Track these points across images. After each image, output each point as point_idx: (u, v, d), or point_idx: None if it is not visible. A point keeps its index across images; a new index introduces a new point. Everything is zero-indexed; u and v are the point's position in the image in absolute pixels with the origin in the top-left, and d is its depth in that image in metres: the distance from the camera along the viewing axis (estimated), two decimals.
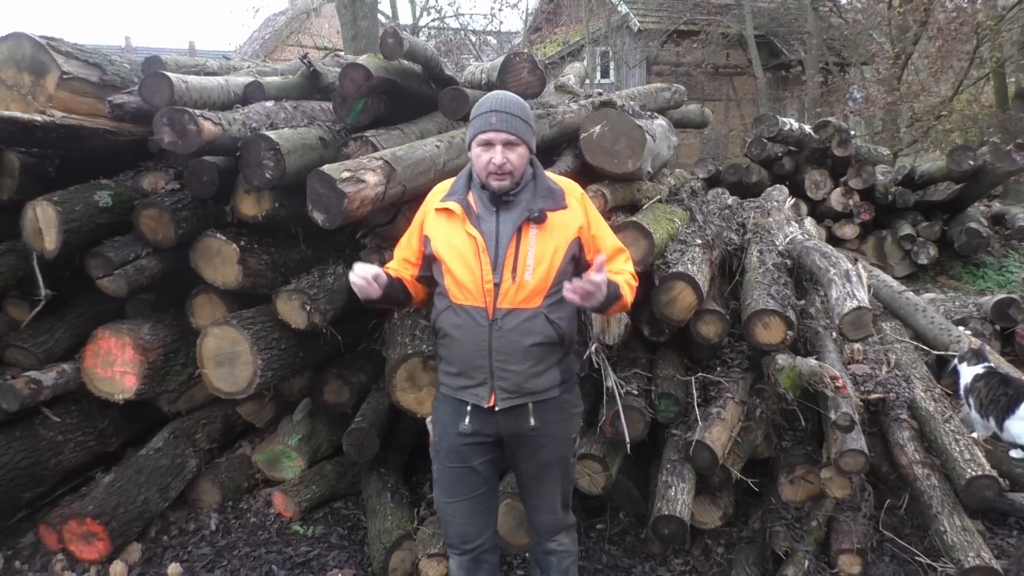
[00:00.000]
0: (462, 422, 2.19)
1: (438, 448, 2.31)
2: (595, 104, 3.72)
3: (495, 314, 2.11)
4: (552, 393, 2.20)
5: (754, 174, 7.73)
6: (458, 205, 2.17)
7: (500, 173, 2.10)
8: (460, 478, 2.27)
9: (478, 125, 2.13)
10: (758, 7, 15.70)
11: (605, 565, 3.06)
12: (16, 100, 3.27)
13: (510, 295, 2.10)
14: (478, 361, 2.14)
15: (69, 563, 3.00)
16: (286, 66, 4.41)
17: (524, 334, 2.11)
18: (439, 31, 18.14)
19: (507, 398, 2.15)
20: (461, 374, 2.19)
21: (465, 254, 2.13)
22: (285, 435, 3.51)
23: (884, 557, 3.03)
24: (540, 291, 2.13)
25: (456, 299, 2.15)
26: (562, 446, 2.29)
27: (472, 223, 2.15)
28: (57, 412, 3.25)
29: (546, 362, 2.17)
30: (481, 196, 2.18)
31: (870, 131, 13.64)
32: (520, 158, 2.13)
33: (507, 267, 2.10)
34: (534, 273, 2.11)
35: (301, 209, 2.81)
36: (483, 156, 2.11)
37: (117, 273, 3.12)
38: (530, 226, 2.13)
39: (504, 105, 2.13)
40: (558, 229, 2.15)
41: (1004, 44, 12.38)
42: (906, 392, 3.26)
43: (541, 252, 2.12)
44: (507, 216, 2.15)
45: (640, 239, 3.03)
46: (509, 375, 2.13)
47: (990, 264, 7.30)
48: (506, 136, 2.09)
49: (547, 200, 2.16)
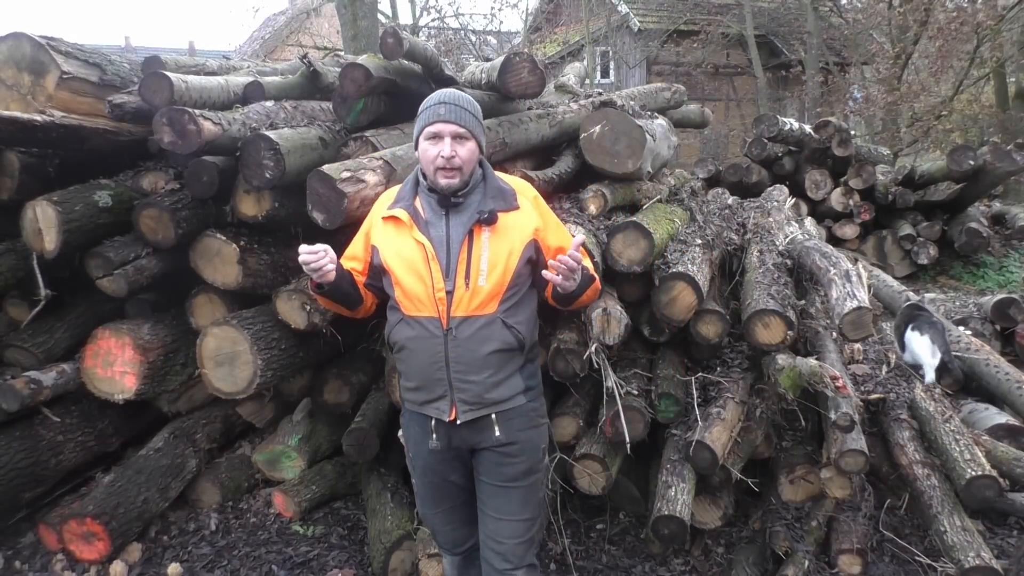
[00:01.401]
0: (430, 439, 2.12)
1: (414, 464, 2.28)
2: (595, 104, 3.72)
3: (449, 323, 2.02)
4: (517, 401, 2.11)
5: (754, 174, 7.73)
6: (404, 212, 2.08)
7: (449, 168, 2.02)
8: (439, 491, 2.23)
9: (426, 117, 2.06)
10: (758, 7, 15.71)
11: (605, 565, 3.06)
12: (16, 100, 3.27)
13: (464, 302, 2.02)
14: (435, 374, 2.05)
15: (69, 563, 3.00)
16: (286, 66, 4.41)
17: (481, 342, 2.02)
18: (439, 31, 18.14)
19: (468, 410, 2.06)
20: (420, 388, 2.11)
21: (414, 263, 2.04)
22: (285, 435, 3.51)
23: (884, 557, 3.03)
24: (495, 296, 2.04)
25: (408, 311, 2.07)
26: (530, 457, 2.16)
27: (420, 229, 2.06)
28: (57, 412, 3.25)
29: (506, 370, 2.08)
30: (429, 200, 2.10)
31: (870, 131, 13.65)
32: (470, 153, 2.05)
33: (459, 273, 2.02)
34: (488, 277, 2.02)
35: (301, 209, 2.81)
36: (430, 150, 2.04)
37: (117, 273, 3.11)
38: (482, 228, 2.04)
39: (453, 98, 2.07)
40: (512, 230, 2.07)
41: (1004, 44, 12.40)
42: (906, 392, 3.25)
43: (495, 255, 2.03)
44: (457, 219, 2.06)
45: (640, 239, 3.03)
46: (468, 386, 2.04)
47: (990, 264, 7.30)
48: (455, 128, 2.02)
49: (498, 200, 2.08)
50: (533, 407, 2.18)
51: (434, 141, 2.04)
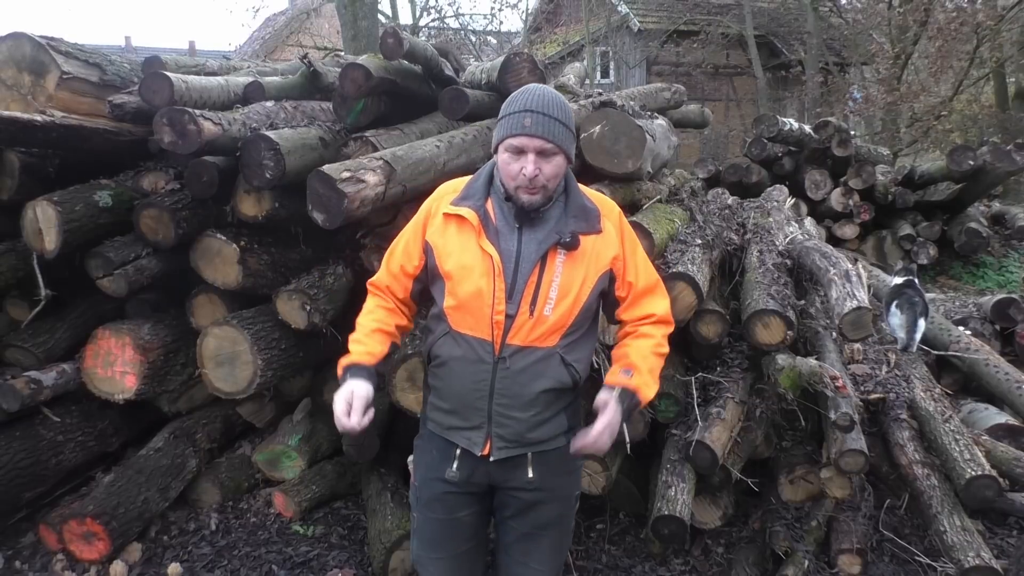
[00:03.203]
0: (449, 468, 1.88)
1: (419, 495, 1.99)
2: (595, 104, 3.72)
3: (503, 351, 1.78)
4: (557, 443, 1.89)
5: (754, 174, 7.72)
6: (474, 213, 1.81)
7: (531, 188, 1.75)
8: (444, 530, 1.95)
9: (508, 127, 1.76)
10: (758, 7, 15.71)
11: (605, 565, 3.06)
12: (16, 100, 3.27)
13: (524, 330, 1.78)
14: (476, 402, 1.82)
15: (69, 563, 2.99)
16: (286, 66, 4.41)
17: (534, 377, 1.80)
18: (439, 31, 18.14)
19: (504, 447, 1.84)
20: (454, 412, 1.87)
21: (475, 275, 1.78)
22: (285, 435, 3.51)
23: (884, 557, 3.03)
24: (559, 329, 1.80)
25: (457, 326, 1.83)
26: (562, 504, 1.97)
27: (489, 237, 1.79)
28: (57, 412, 3.25)
29: (553, 408, 1.85)
30: (503, 207, 1.83)
31: (870, 131, 13.65)
32: (556, 169, 1.77)
33: (525, 298, 1.77)
34: (556, 308, 1.78)
35: (301, 209, 2.81)
36: (512, 165, 1.76)
37: (117, 273, 3.11)
38: (558, 251, 1.79)
39: (542, 105, 1.75)
40: (589, 257, 1.82)
41: (1004, 44, 12.40)
42: (906, 392, 3.26)
43: (567, 284, 1.79)
44: (532, 236, 1.80)
45: (640, 239, 3.02)
46: (510, 422, 1.82)
47: (990, 264, 7.30)
48: (541, 143, 1.73)
49: (580, 221, 1.82)
50: None
51: (515, 155, 1.76)
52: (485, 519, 2.03)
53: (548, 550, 1.98)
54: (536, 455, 1.87)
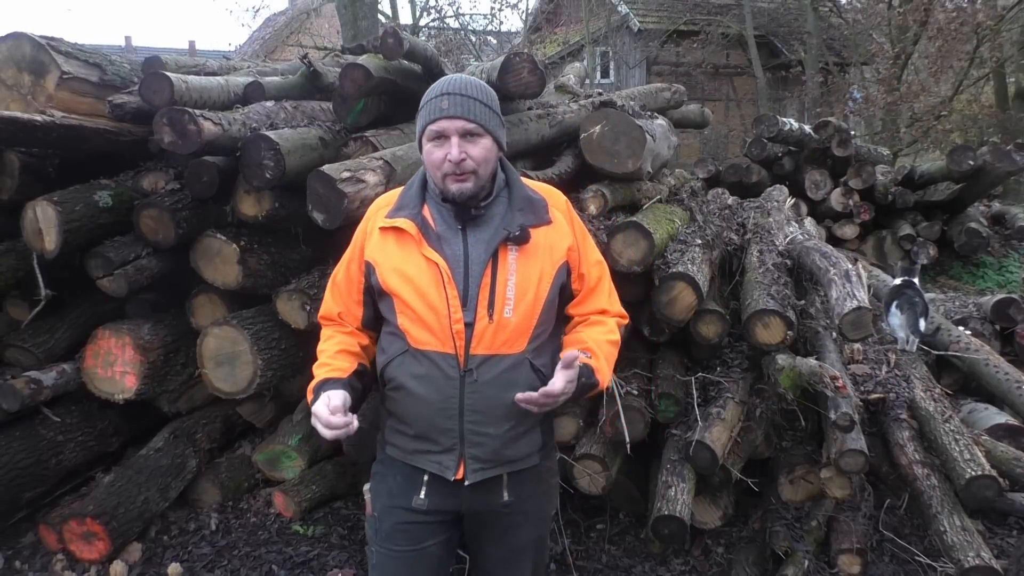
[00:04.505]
0: (416, 495, 1.73)
1: (379, 526, 1.82)
2: (595, 104, 3.72)
3: (467, 362, 1.66)
4: (531, 460, 1.78)
5: (754, 174, 7.72)
6: (410, 222, 1.70)
7: (459, 173, 1.64)
8: (407, 566, 1.78)
9: (427, 113, 1.68)
10: (758, 7, 15.72)
11: (605, 565, 3.06)
12: (16, 100, 3.27)
13: (487, 338, 1.66)
14: (445, 423, 1.68)
15: (69, 563, 3.00)
16: (286, 66, 4.41)
17: (505, 387, 1.66)
18: (439, 31, 18.14)
19: (480, 468, 1.70)
20: (420, 437, 1.73)
21: (424, 286, 1.66)
22: (285, 435, 3.51)
23: (884, 557, 3.03)
24: (524, 331, 1.69)
25: (416, 342, 1.69)
26: (538, 526, 1.89)
27: (431, 244, 1.68)
28: (57, 412, 3.25)
29: (527, 422, 1.74)
30: (441, 210, 1.73)
31: (870, 131, 13.64)
32: (484, 152, 1.66)
33: (481, 302, 1.66)
34: (516, 308, 1.67)
35: (301, 209, 2.81)
36: (436, 152, 1.66)
37: (117, 273, 3.11)
38: (508, 248, 1.69)
39: (459, 87, 1.66)
40: (542, 250, 1.72)
41: (1004, 44, 12.40)
42: (906, 392, 3.25)
43: (524, 281, 1.68)
44: (478, 236, 1.70)
45: (640, 239, 3.03)
46: (484, 440, 1.69)
47: (990, 264, 7.30)
48: (463, 124, 1.63)
49: (527, 214, 1.72)
50: (547, 467, 1.87)
51: (439, 142, 1.67)
52: (452, 550, 1.89)
53: (527, 573, 1.89)
54: (511, 476, 1.76)
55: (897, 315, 3.48)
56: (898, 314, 3.47)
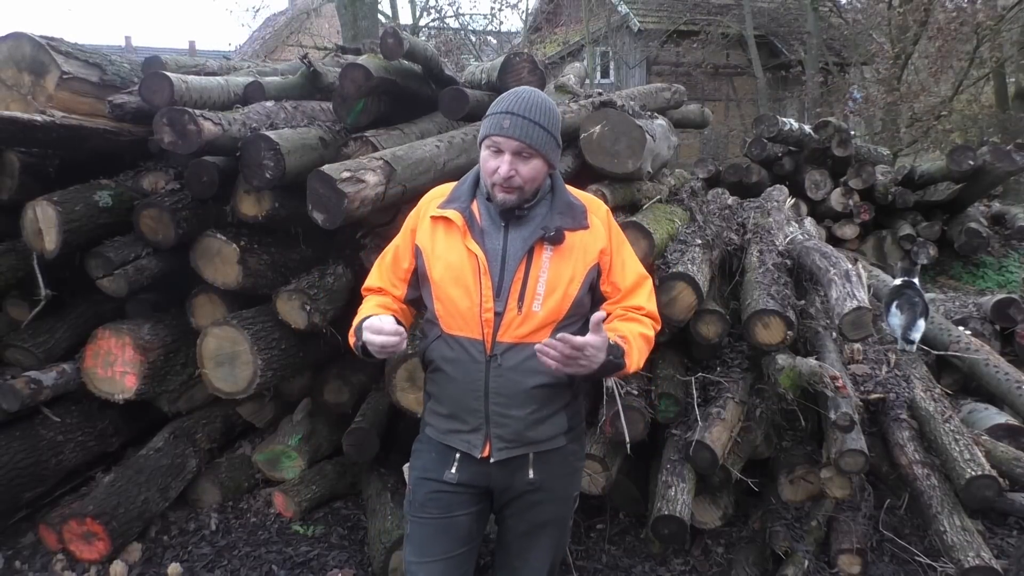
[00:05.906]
0: (448, 470, 1.89)
1: (414, 497, 1.97)
2: (595, 104, 3.72)
3: (494, 349, 1.80)
4: (557, 443, 1.90)
5: (754, 174, 7.72)
6: (459, 214, 1.85)
7: (506, 187, 1.79)
8: (438, 532, 1.92)
9: (488, 126, 1.82)
10: (758, 7, 15.71)
11: (605, 565, 3.06)
12: (16, 100, 3.27)
13: (513, 327, 1.80)
14: (472, 404, 1.83)
15: (69, 563, 2.99)
16: (286, 66, 4.41)
17: (527, 373, 1.80)
18: (439, 31, 18.14)
19: (504, 448, 1.85)
20: (452, 417, 1.89)
21: (462, 274, 1.82)
22: (285, 435, 3.51)
23: (884, 557, 3.03)
24: (549, 324, 1.82)
25: (448, 328, 1.85)
26: (561, 505, 2.00)
27: (474, 237, 1.83)
28: (57, 412, 3.25)
29: (551, 406, 1.87)
30: (488, 207, 1.87)
31: (870, 131, 13.64)
32: (533, 172, 1.80)
33: (513, 294, 1.80)
34: (544, 303, 1.80)
35: (301, 209, 2.81)
36: (490, 162, 1.81)
37: (117, 273, 3.12)
38: (544, 247, 1.82)
39: (524, 108, 1.79)
40: (576, 252, 1.84)
41: (1004, 44, 12.40)
42: (906, 392, 3.26)
43: (554, 279, 1.81)
44: (517, 233, 1.84)
45: (640, 239, 3.03)
46: (508, 421, 1.83)
47: (990, 264, 7.30)
48: (518, 145, 1.77)
49: (565, 218, 1.86)
50: (573, 449, 1.97)
51: (494, 154, 1.80)
52: (482, 522, 2.00)
53: (547, 547, 2.00)
54: (537, 455, 1.88)
55: (897, 315, 3.48)
56: (898, 314, 3.47)
